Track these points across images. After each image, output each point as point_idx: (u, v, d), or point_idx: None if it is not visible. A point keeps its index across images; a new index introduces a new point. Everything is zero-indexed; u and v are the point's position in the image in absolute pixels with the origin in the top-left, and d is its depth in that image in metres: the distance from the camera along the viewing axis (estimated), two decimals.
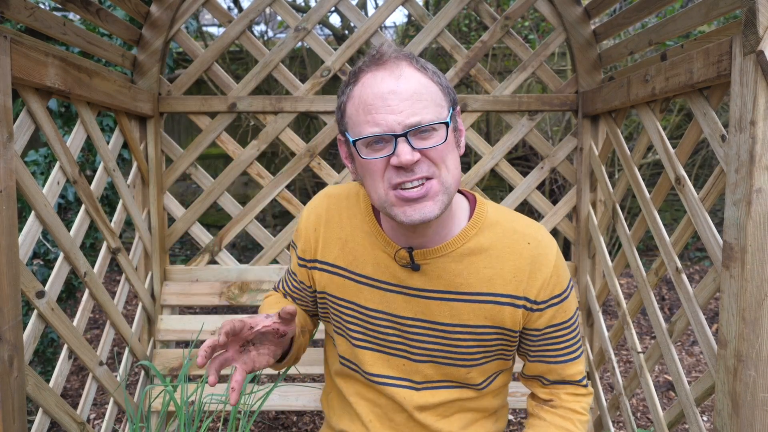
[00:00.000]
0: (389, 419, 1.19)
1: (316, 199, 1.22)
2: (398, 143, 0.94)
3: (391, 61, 0.98)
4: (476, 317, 1.09)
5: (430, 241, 1.07)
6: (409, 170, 0.95)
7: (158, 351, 2.05)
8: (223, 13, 2.13)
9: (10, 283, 1.22)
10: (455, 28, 4.04)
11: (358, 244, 1.13)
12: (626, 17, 1.79)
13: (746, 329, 1.10)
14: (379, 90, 0.95)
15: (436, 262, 1.08)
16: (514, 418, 2.68)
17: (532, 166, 3.75)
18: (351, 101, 1.00)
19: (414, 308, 1.11)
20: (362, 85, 0.98)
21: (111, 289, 4.10)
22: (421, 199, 0.96)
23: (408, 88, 0.95)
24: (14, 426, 1.22)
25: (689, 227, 1.41)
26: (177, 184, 4.84)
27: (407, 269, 1.09)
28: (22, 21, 1.36)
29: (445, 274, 1.08)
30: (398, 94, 0.95)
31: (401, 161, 0.93)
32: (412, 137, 0.95)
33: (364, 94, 0.97)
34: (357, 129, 0.98)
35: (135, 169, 2.04)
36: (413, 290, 1.10)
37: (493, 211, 1.11)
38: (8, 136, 1.21)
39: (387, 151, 0.95)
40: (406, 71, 0.97)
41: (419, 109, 0.95)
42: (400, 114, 0.94)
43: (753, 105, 1.06)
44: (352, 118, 1.00)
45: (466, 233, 1.08)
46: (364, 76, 0.99)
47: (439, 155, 0.97)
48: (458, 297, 1.08)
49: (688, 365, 3.12)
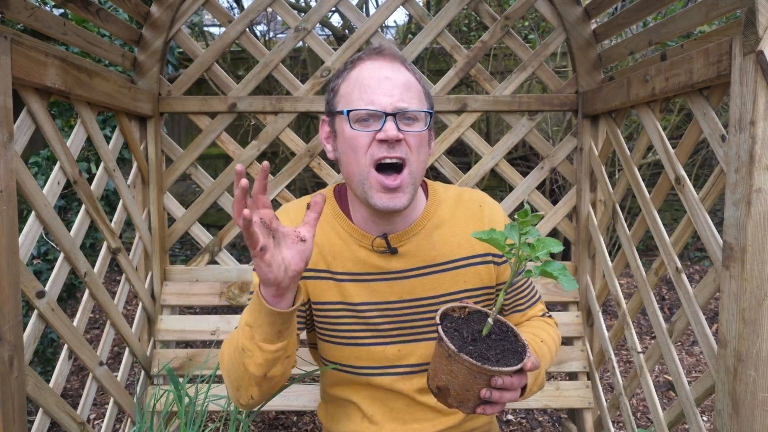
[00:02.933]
0: (390, 408, 1.21)
1: (278, 215, 1.21)
2: (387, 120, 1.05)
3: (390, 55, 1.11)
4: (456, 284, 1.18)
5: (399, 226, 1.17)
6: (391, 147, 1.05)
7: (158, 351, 2.05)
8: (223, 13, 2.13)
9: (10, 283, 1.22)
10: (455, 28, 4.04)
11: (333, 245, 1.18)
12: (626, 17, 1.79)
13: (746, 329, 1.10)
14: (377, 74, 1.08)
15: (411, 242, 1.17)
16: (514, 418, 2.68)
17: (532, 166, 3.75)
18: (346, 82, 1.11)
19: (399, 290, 1.17)
20: (360, 69, 1.10)
21: (111, 289, 4.11)
22: (396, 190, 1.07)
23: (401, 79, 1.08)
24: (14, 426, 1.22)
25: (689, 227, 1.41)
26: (177, 184, 4.85)
27: (385, 255, 1.17)
28: (22, 21, 1.36)
29: (420, 251, 1.17)
30: (393, 81, 1.07)
31: (388, 135, 1.04)
32: (399, 119, 1.06)
33: (362, 76, 1.09)
34: (351, 105, 1.08)
35: (135, 169, 2.04)
36: (394, 273, 1.17)
37: (441, 188, 1.25)
38: (8, 136, 1.21)
39: (375, 128, 1.06)
40: (399, 66, 1.11)
41: (408, 98, 1.07)
42: (392, 97, 1.06)
43: (753, 105, 1.06)
44: (345, 96, 1.10)
45: (428, 210, 1.20)
46: (363, 63, 1.10)
47: (416, 142, 1.08)
48: (437, 269, 1.18)
49: (688, 365, 3.12)
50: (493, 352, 0.92)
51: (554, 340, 1.24)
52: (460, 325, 0.97)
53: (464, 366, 0.89)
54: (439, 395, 0.97)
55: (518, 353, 0.93)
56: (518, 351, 0.94)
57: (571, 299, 2.14)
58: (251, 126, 4.19)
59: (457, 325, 0.98)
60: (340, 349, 1.19)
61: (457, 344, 0.92)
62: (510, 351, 0.94)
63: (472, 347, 0.93)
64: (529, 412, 2.73)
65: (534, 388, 1.10)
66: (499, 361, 0.91)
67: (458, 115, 2.14)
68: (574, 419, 2.20)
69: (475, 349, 0.92)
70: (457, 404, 0.95)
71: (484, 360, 0.90)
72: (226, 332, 2.06)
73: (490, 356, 0.91)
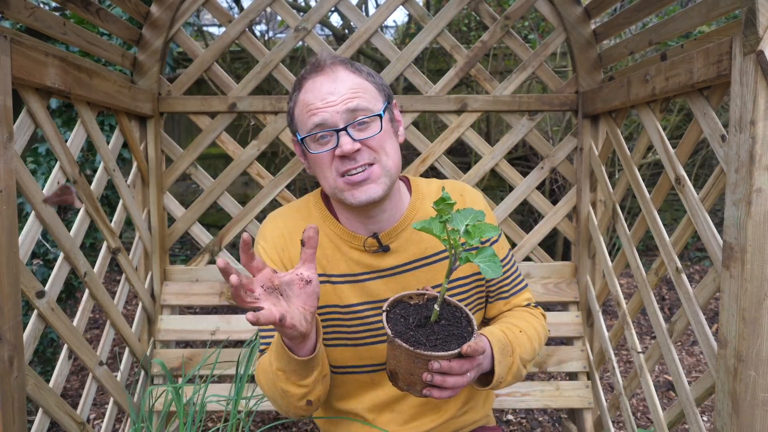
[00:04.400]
0: (390, 410, 1.22)
1: (267, 226, 1.24)
2: (340, 136, 1.07)
3: (328, 66, 1.11)
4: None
5: (386, 224, 1.19)
6: (352, 158, 1.08)
7: (158, 351, 2.05)
8: (223, 13, 2.12)
9: (10, 283, 1.21)
10: (455, 28, 4.04)
11: (325, 248, 1.19)
12: (626, 17, 1.79)
13: (746, 329, 1.10)
14: (319, 92, 1.09)
15: (401, 237, 1.19)
16: (514, 418, 2.68)
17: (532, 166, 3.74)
18: (297, 105, 1.13)
19: (393, 287, 1.18)
20: (305, 91, 1.12)
21: (111, 289, 4.10)
22: (365, 182, 1.09)
23: (345, 87, 1.09)
24: (14, 426, 1.22)
25: (689, 227, 1.41)
26: (177, 184, 4.84)
27: (378, 254, 1.18)
28: (22, 21, 1.36)
29: (411, 245, 1.19)
30: (336, 94, 1.08)
31: (344, 151, 1.06)
32: (352, 129, 1.08)
33: (306, 98, 1.11)
34: (303, 127, 1.12)
35: (135, 169, 2.04)
36: (388, 270, 1.18)
37: (423, 183, 1.28)
38: (8, 136, 1.21)
39: (332, 144, 1.09)
40: (342, 74, 1.11)
41: (356, 104, 1.08)
42: (337, 105, 1.07)
43: (753, 105, 1.06)
44: (298, 119, 1.13)
45: (413, 205, 1.22)
46: (306, 82, 1.12)
47: (377, 143, 1.10)
48: (429, 261, 1.19)
49: (688, 365, 3.12)
50: (434, 337, 0.94)
51: (536, 330, 1.22)
52: (410, 312, 0.99)
53: (402, 351, 0.92)
54: (392, 379, 1.00)
55: (463, 338, 0.94)
56: (463, 336, 0.95)
57: (571, 299, 2.14)
58: (251, 126, 4.19)
59: (407, 311, 1.00)
60: (341, 351, 1.19)
61: (399, 330, 0.94)
62: (455, 336, 0.95)
63: (413, 333, 0.94)
64: (529, 412, 2.73)
65: (508, 377, 1.10)
66: (436, 347, 0.92)
67: (458, 115, 2.14)
68: (574, 419, 2.20)
69: (416, 334, 0.94)
70: (406, 387, 0.98)
71: (417, 345, 0.91)
72: (226, 332, 2.06)
73: (430, 341, 0.93)
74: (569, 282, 2.16)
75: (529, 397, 2.02)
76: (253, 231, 2.17)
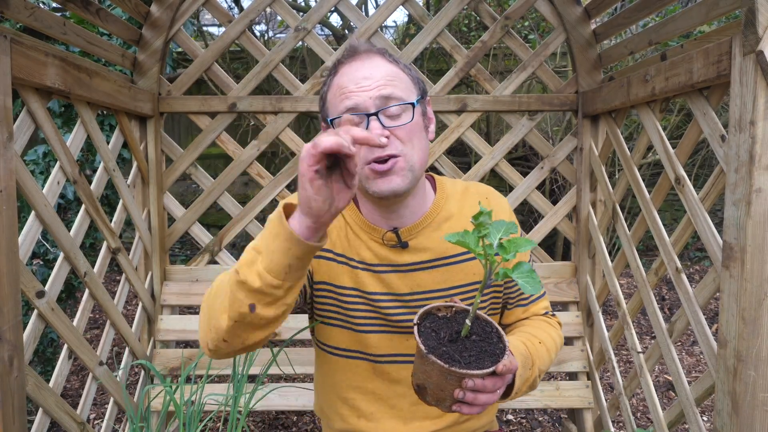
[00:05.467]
0: (391, 407, 1.22)
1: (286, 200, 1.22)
2: (370, 121, 1.05)
3: (365, 53, 1.11)
4: (466, 276, 1.19)
5: (408, 220, 1.18)
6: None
7: (158, 351, 2.05)
8: (223, 13, 2.13)
9: (10, 283, 1.22)
10: (455, 28, 4.04)
11: (350, 232, 1.20)
12: (626, 17, 1.79)
13: (746, 329, 1.10)
14: (354, 76, 1.08)
15: (421, 235, 1.18)
16: (514, 418, 2.68)
17: (532, 166, 3.74)
18: (330, 89, 1.13)
19: (410, 283, 1.18)
20: (340, 75, 1.11)
21: (111, 289, 4.11)
22: (388, 173, 1.07)
23: (381, 73, 1.08)
24: (14, 426, 1.22)
25: (689, 227, 1.41)
26: (177, 184, 4.85)
27: (396, 249, 1.18)
28: (22, 21, 1.36)
29: (431, 244, 1.18)
30: (371, 79, 1.07)
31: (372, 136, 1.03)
32: (383, 116, 1.06)
33: (340, 81, 1.10)
34: (334, 110, 1.10)
35: (135, 169, 2.04)
36: (405, 266, 1.18)
37: (449, 183, 1.27)
38: (8, 136, 1.21)
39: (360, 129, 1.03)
40: (378, 61, 1.10)
41: (390, 91, 1.06)
42: (371, 90, 1.05)
43: (753, 105, 1.06)
44: (330, 103, 1.12)
45: (438, 204, 1.21)
46: (342, 67, 1.12)
47: (406, 134, 1.07)
48: (447, 262, 1.19)
49: (688, 365, 3.12)
50: (467, 354, 0.91)
51: (554, 340, 1.22)
52: (441, 325, 0.97)
53: (435, 367, 0.89)
54: (419, 392, 0.98)
55: (495, 355, 0.92)
56: (496, 353, 0.92)
57: (572, 299, 2.14)
58: (251, 126, 4.19)
59: (437, 325, 0.97)
60: (350, 334, 1.20)
61: (431, 344, 0.91)
62: (487, 353, 0.92)
63: (446, 348, 0.92)
64: (529, 412, 2.73)
65: (524, 388, 1.09)
66: (470, 364, 0.90)
67: (458, 115, 2.14)
68: (574, 419, 2.20)
69: (449, 350, 0.91)
70: (435, 402, 0.96)
71: (452, 362, 0.89)
72: None
73: (463, 358, 0.91)
74: (569, 282, 2.16)
75: (529, 397, 2.02)
76: (254, 231, 2.17)
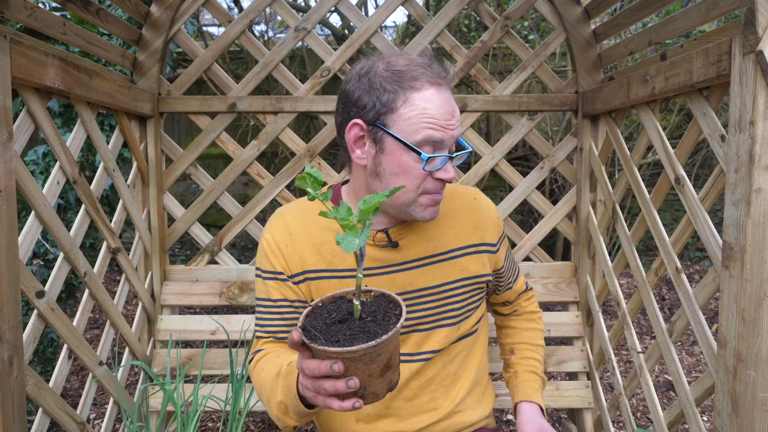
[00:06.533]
0: (386, 407, 1.23)
1: (274, 221, 1.25)
2: (448, 161, 1.10)
3: (447, 83, 1.12)
4: (454, 272, 1.24)
5: (395, 220, 1.21)
6: (443, 185, 1.13)
7: (158, 351, 2.05)
8: (223, 13, 2.13)
9: (10, 283, 1.22)
10: (455, 29, 4.04)
11: (332, 243, 1.20)
12: (626, 17, 1.79)
13: (746, 329, 1.10)
14: (442, 109, 1.08)
15: (410, 234, 1.22)
16: (514, 418, 2.68)
17: (532, 166, 3.75)
18: (409, 104, 1.07)
19: (401, 282, 1.20)
20: (424, 98, 1.07)
21: (111, 289, 4.11)
22: (438, 202, 1.15)
23: (457, 112, 1.12)
24: (14, 426, 1.22)
25: (689, 227, 1.41)
26: (177, 184, 4.85)
27: (386, 249, 1.20)
28: (22, 21, 1.36)
29: (420, 242, 1.22)
30: (455, 117, 1.10)
31: (449, 176, 1.10)
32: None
33: (427, 106, 1.07)
34: (411, 131, 1.07)
35: (135, 169, 2.04)
36: (396, 266, 1.21)
37: None
38: (8, 136, 1.21)
39: (433, 165, 1.09)
40: (450, 94, 1.13)
41: (459, 126, 1.12)
42: (454, 131, 1.10)
43: (752, 105, 1.06)
44: (406, 119, 1.07)
45: None
46: (429, 88, 1.08)
47: None
48: (437, 259, 1.23)
49: (688, 365, 3.12)
50: (343, 334, 0.83)
51: (541, 339, 1.47)
52: (343, 309, 0.89)
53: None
54: None
55: (373, 335, 0.81)
56: (377, 333, 0.82)
57: (571, 299, 2.14)
58: (251, 126, 4.20)
59: (339, 308, 0.90)
60: None
61: (315, 325, 0.86)
62: (367, 332, 0.83)
63: (326, 329, 0.85)
64: None
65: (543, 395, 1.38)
66: (338, 342, 0.82)
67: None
68: (574, 419, 2.20)
69: (325, 330, 0.85)
70: None
71: (313, 339, 0.83)
72: (226, 332, 2.06)
73: (332, 336, 0.83)
74: (569, 282, 2.16)
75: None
76: (254, 231, 2.17)
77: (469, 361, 1.31)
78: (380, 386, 0.87)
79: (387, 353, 0.84)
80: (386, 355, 0.84)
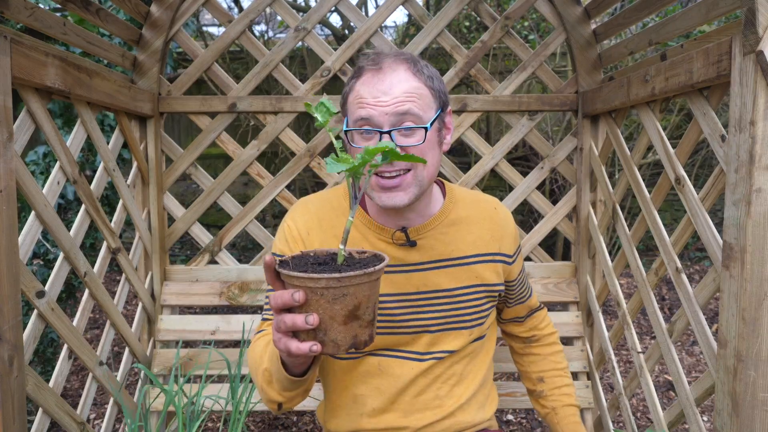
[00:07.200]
0: (392, 402, 1.24)
1: (298, 208, 1.27)
2: (382, 137, 1.08)
3: (388, 65, 1.11)
4: (469, 278, 1.25)
5: (415, 221, 1.22)
6: (390, 162, 1.05)
7: (158, 351, 2.05)
8: (223, 13, 2.12)
9: (10, 283, 1.21)
10: (455, 29, 4.05)
11: (353, 236, 1.22)
12: (626, 17, 1.79)
13: (746, 329, 1.10)
14: (373, 88, 1.10)
15: (429, 235, 1.23)
16: (514, 418, 2.68)
17: (532, 166, 3.74)
18: (351, 92, 1.15)
19: (416, 282, 1.21)
20: (361, 82, 1.12)
21: (111, 289, 4.11)
22: (394, 189, 1.11)
23: (399, 89, 1.09)
24: (14, 426, 1.22)
25: (689, 227, 1.41)
26: (177, 184, 4.85)
27: (404, 248, 1.21)
28: (22, 21, 1.36)
29: (438, 245, 1.23)
30: (388, 94, 1.08)
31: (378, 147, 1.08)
32: (396, 134, 1.08)
33: (360, 89, 1.12)
34: (351, 117, 1.14)
35: (135, 169, 2.04)
36: (413, 265, 1.22)
37: (457, 189, 1.34)
38: (8, 136, 1.21)
39: (373, 142, 1.09)
40: (401, 75, 1.11)
41: (408, 101, 1.08)
42: (387, 107, 1.08)
43: (753, 105, 1.06)
44: (349, 106, 1.15)
45: (447, 207, 1.27)
46: (365, 74, 1.13)
47: (418, 152, 1.10)
48: (452, 263, 1.24)
49: (688, 365, 3.12)
50: (313, 270, 0.82)
51: (564, 362, 1.50)
52: (328, 260, 0.89)
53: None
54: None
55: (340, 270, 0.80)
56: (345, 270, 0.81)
57: (571, 299, 2.14)
58: (251, 126, 4.20)
59: (325, 260, 0.89)
60: None
61: (297, 264, 0.86)
62: (337, 271, 0.81)
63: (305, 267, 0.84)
64: (529, 412, 2.73)
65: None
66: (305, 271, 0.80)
67: (458, 115, 2.14)
68: None
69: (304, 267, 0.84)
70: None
71: (284, 266, 0.83)
72: (226, 332, 2.06)
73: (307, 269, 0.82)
74: (569, 282, 2.16)
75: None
76: (254, 231, 2.17)
77: (476, 363, 1.32)
78: (342, 335, 0.82)
79: (354, 298, 0.80)
80: (353, 299, 0.80)
